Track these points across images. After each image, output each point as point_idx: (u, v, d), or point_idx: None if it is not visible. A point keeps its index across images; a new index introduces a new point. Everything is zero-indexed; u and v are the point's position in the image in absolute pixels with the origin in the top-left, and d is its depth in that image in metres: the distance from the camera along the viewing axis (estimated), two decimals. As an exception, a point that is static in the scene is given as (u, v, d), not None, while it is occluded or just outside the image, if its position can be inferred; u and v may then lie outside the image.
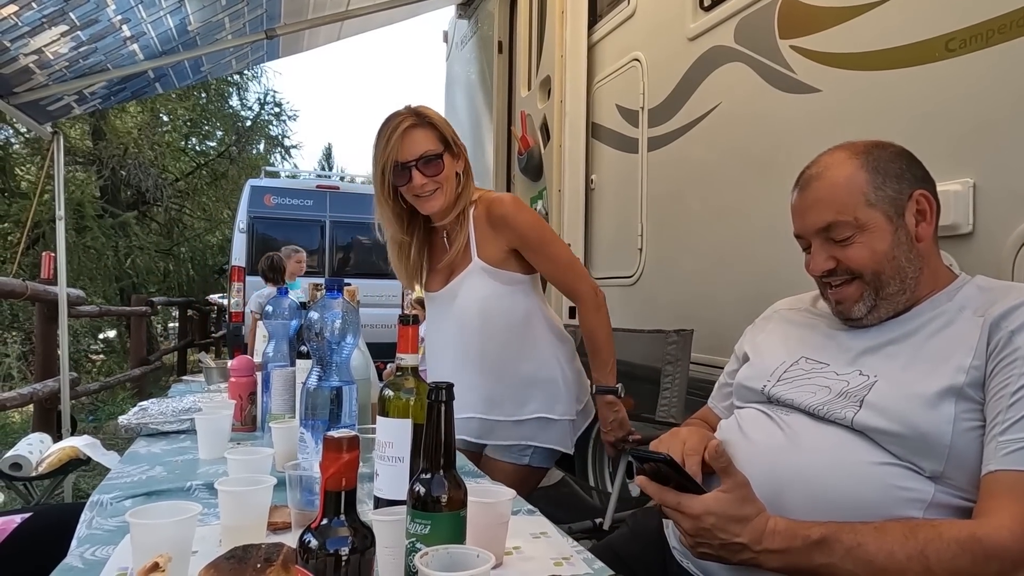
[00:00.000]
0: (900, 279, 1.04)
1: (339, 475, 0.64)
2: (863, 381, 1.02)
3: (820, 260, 1.08)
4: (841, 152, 1.09)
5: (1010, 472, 0.87)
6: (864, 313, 1.06)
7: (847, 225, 1.04)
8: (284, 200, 8.47)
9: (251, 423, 1.73)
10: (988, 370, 0.94)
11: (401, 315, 1.04)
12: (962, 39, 1.36)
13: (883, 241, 1.04)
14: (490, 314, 1.63)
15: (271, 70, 14.24)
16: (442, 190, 1.57)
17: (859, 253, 1.04)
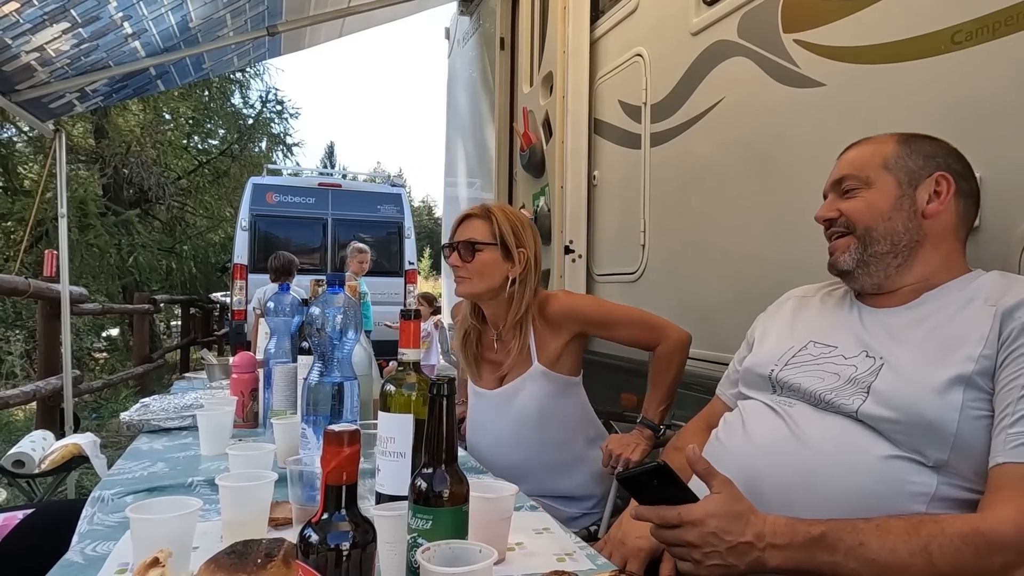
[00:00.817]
0: (891, 241, 1.08)
1: (340, 469, 0.64)
2: (870, 364, 1.02)
3: (825, 208, 1.17)
4: (886, 134, 1.17)
5: (1018, 465, 0.87)
6: (851, 266, 1.11)
7: (857, 180, 1.12)
8: (286, 198, 8.47)
9: (253, 420, 1.73)
10: (999, 360, 0.93)
11: (402, 310, 1.03)
12: (968, 31, 1.34)
13: (884, 201, 1.09)
14: (548, 415, 1.69)
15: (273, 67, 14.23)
16: (473, 280, 1.66)
17: (857, 205, 1.11)
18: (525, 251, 1.68)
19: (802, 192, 1.81)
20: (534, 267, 1.69)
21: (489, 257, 1.66)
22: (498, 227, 1.66)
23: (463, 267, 1.66)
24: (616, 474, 1.01)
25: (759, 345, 1.24)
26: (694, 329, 2.19)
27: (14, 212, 9.13)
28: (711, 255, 2.19)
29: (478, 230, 1.68)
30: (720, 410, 1.33)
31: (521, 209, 3.41)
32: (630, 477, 0.91)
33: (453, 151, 4.96)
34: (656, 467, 0.89)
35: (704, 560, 0.92)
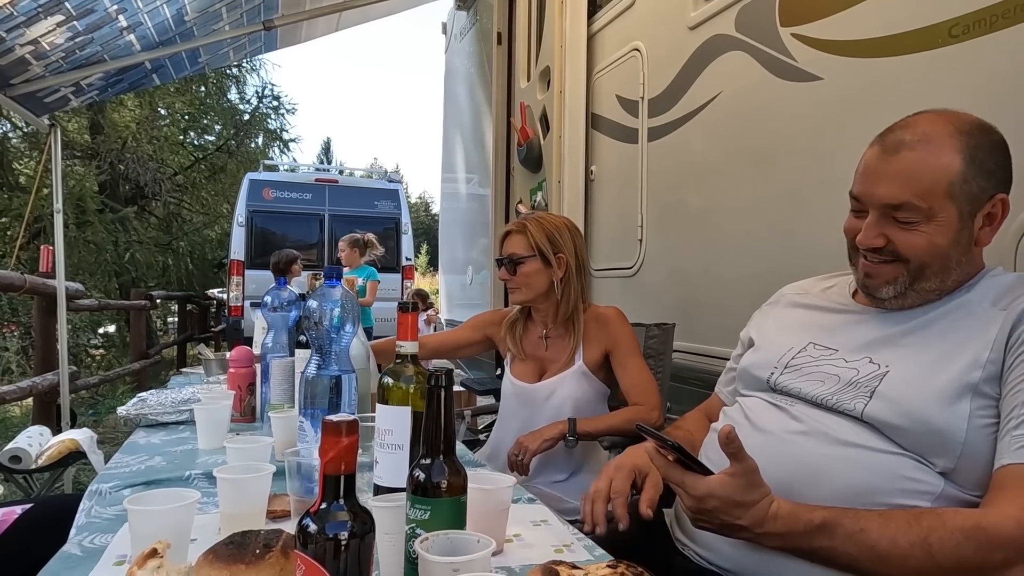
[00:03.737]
0: (942, 277, 0.99)
1: (338, 459, 0.64)
2: (873, 370, 1.00)
3: (871, 235, 0.99)
4: (943, 123, 0.98)
5: (1022, 465, 0.86)
6: (891, 296, 1.02)
7: (918, 211, 0.96)
8: (283, 194, 8.46)
9: (250, 414, 1.73)
10: (1006, 363, 0.92)
11: (400, 303, 1.03)
12: (965, 25, 1.35)
13: (945, 237, 0.97)
14: (581, 414, 1.74)
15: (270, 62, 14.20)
16: (522, 290, 1.81)
17: (916, 242, 0.97)
18: (564, 256, 1.80)
19: (800, 186, 1.82)
20: (575, 268, 1.81)
21: (531, 268, 1.79)
22: (533, 239, 1.79)
23: (511, 280, 1.82)
24: (636, 425, 1.01)
25: (756, 346, 1.22)
26: (690, 323, 2.19)
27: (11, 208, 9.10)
28: (709, 250, 2.19)
29: (518, 244, 1.81)
30: (718, 406, 1.33)
31: (518, 204, 3.41)
32: (646, 430, 0.94)
33: (451, 146, 4.96)
34: (672, 446, 0.91)
35: (695, 520, 0.95)
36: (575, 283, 1.82)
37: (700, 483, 0.91)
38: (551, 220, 1.85)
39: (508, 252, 1.82)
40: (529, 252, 1.79)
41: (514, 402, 1.88)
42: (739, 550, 0.99)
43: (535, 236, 1.79)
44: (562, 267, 1.80)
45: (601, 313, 1.84)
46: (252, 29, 3.33)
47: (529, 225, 1.82)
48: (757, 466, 0.91)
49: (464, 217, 4.62)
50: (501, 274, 1.84)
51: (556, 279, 1.80)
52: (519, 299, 1.84)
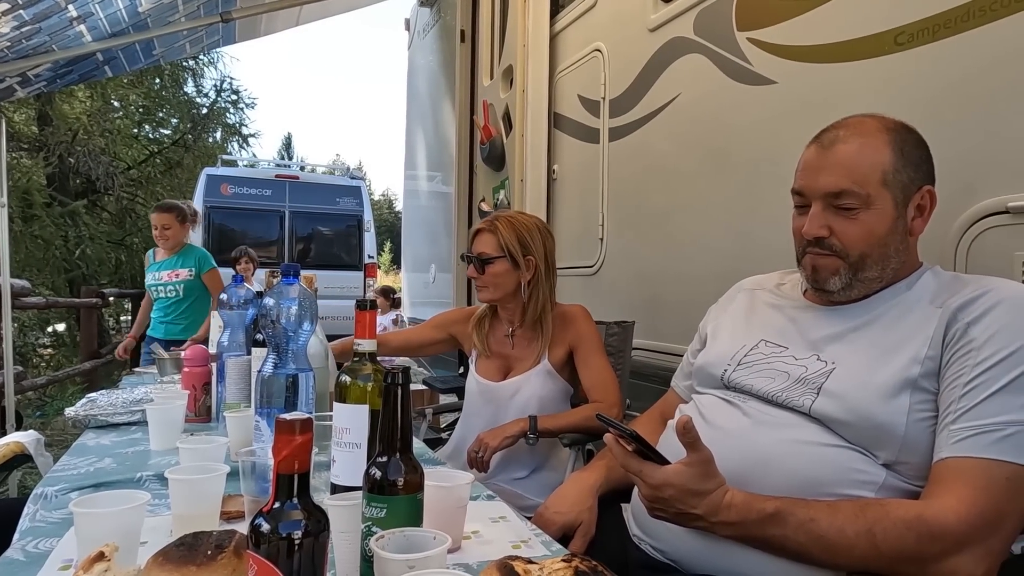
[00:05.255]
0: (882, 266, 1.05)
1: (292, 458, 0.63)
2: (821, 367, 1.04)
3: (816, 225, 1.05)
4: (872, 121, 1.06)
5: (960, 459, 0.90)
6: (838, 288, 1.06)
7: (857, 197, 1.02)
8: (242, 189, 8.30)
9: (206, 414, 1.70)
10: (943, 360, 0.96)
11: (358, 300, 1.03)
12: (910, 33, 1.40)
13: (883, 225, 1.03)
14: (546, 413, 1.75)
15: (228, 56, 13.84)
16: (489, 289, 1.81)
17: (856, 230, 1.03)
18: (533, 258, 1.80)
19: (756, 186, 1.86)
20: (544, 269, 1.81)
21: (499, 268, 1.79)
22: (503, 240, 1.78)
23: (479, 279, 1.81)
24: (597, 415, 1.04)
25: (712, 342, 1.25)
26: (651, 320, 2.23)
27: (-49, 202, 8.70)
28: (668, 248, 2.23)
29: (487, 244, 1.80)
30: (675, 402, 1.35)
31: (481, 202, 3.41)
32: (606, 420, 0.97)
33: (413, 143, 4.93)
34: (630, 434, 0.93)
35: (651, 510, 0.97)
36: (543, 285, 1.82)
37: (657, 472, 0.94)
38: (523, 221, 1.84)
39: (478, 251, 1.82)
40: (498, 252, 1.79)
41: (478, 400, 1.88)
42: (693, 543, 1.02)
43: (505, 237, 1.78)
44: (531, 269, 1.80)
45: (567, 312, 1.86)
46: (209, 21, 3.26)
47: (500, 225, 1.81)
48: (712, 456, 0.93)
49: (427, 215, 4.60)
50: (469, 271, 1.84)
51: (524, 281, 1.80)
52: (486, 298, 1.84)
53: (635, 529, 1.16)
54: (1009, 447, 0.88)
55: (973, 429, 0.90)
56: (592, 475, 1.31)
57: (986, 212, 1.24)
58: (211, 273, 3.82)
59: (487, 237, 1.81)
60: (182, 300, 3.76)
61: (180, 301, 3.77)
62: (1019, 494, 0.89)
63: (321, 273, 7.28)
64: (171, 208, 3.80)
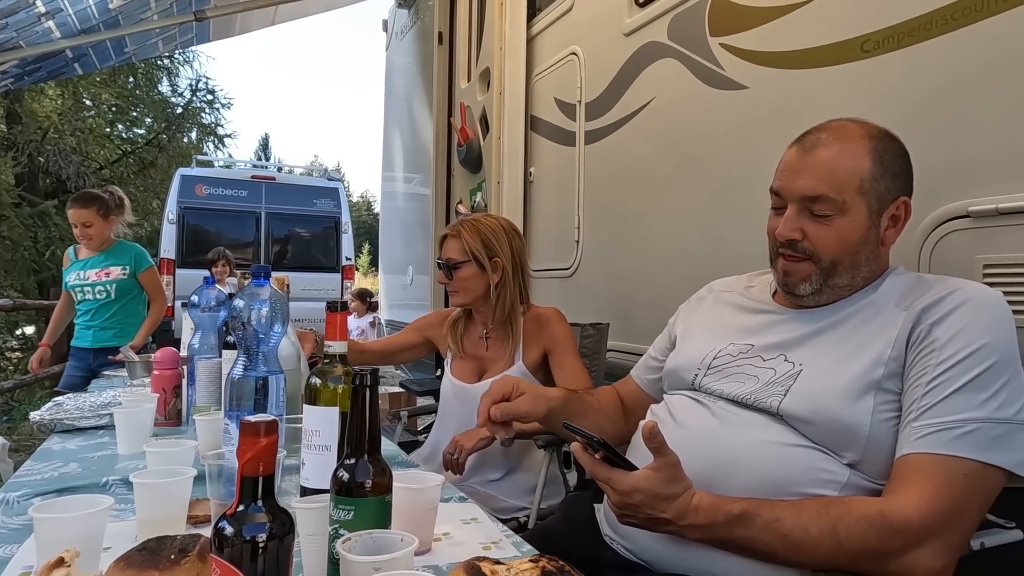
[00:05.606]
0: (852, 274, 1.06)
1: (256, 460, 0.63)
2: (789, 369, 1.05)
3: (789, 227, 1.06)
4: (856, 127, 1.07)
5: (920, 455, 0.92)
6: (808, 293, 1.07)
7: (833, 203, 1.03)
8: (217, 190, 8.20)
9: (176, 417, 1.68)
10: (907, 360, 0.98)
11: (328, 302, 1.02)
12: (876, 40, 1.43)
13: (856, 232, 1.04)
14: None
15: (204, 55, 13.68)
16: (460, 293, 1.84)
17: (829, 236, 1.04)
18: (500, 260, 1.82)
19: (729, 190, 1.88)
20: (512, 271, 1.83)
21: (467, 272, 1.81)
22: (467, 245, 1.81)
23: (449, 283, 1.84)
24: (564, 424, 1.04)
25: (682, 344, 1.26)
26: (624, 322, 2.24)
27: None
28: (643, 250, 2.25)
29: (453, 249, 1.83)
30: (632, 390, 1.39)
31: (458, 204, 3.40)
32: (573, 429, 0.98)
33: (391, 145, 4.91)
34: (597, 441, 0.94)
35: (621, 516, 0.98)
36: (511, 287, 1.83)
37: (625, 478, 0.94)
38: (487, 224, 1.85)
39: (445, 256, 1.84)
40: (464, 257, 1.81)
41: (453, 402, 1.88)
42: (663, 544, 1.02)
43: (469, 242, 1.81)
44: (498, 271, 1.82)
45: (541, 314, 1.87)
46: (182, 19, 3.22)
47: (464, 230, 1.83)
48: (679, 460, 0.94)
49: (404, 216, 4.59)
50: (440, 277, 1.86)
51: (492, 283, 1.82)
52: (458, 302, 1.87)
53: (607, 529, 1.17)
54: (968, 444, 0.90)
55: (934, 426, 0.92)
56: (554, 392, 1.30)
57: (948, 216, 1.27)
58: (148, 272, 3.34)
59: (453, 242, 1.84)
60: (113, 302, 3.24)
61: (110, 303, 3.24)
62: (977, 489, 0.91)
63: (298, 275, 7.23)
64: (90, 201, 3.13)
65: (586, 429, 0.99)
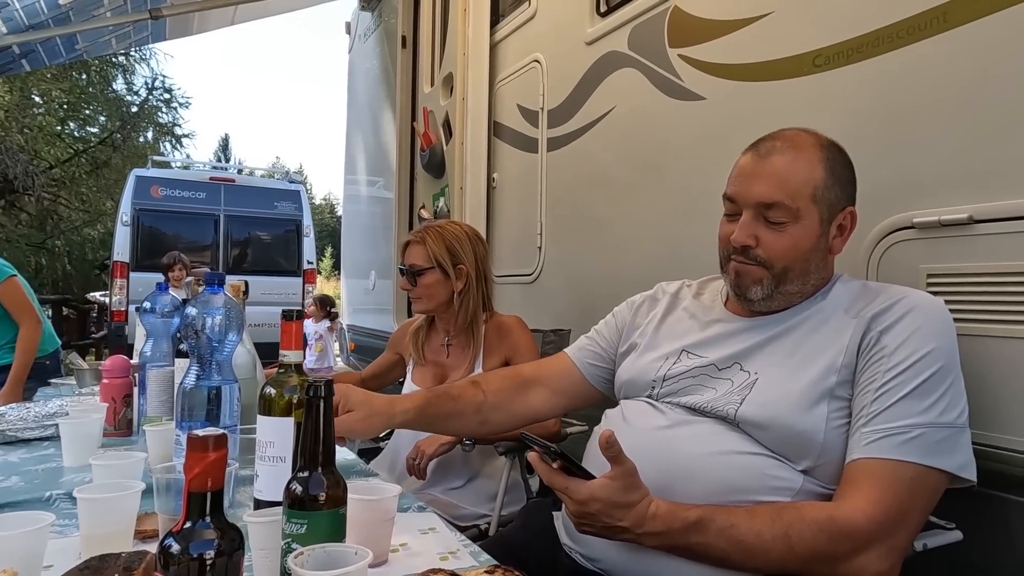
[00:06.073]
0: (802, 281, 1.08)
1: (204, 475, 0.61)
2: (745, 379, 1.07)
3: (744, 234, 1.07)
4: (808, 137, 1.09)
5: (869, 460, 0.94)
6: (759, 297, 1.09)
7: (788, 210, 1.04)
8: (174, 192, 8.01)
9: (127, 427, 1.63)
10: (858, 366, 1.00)
11: (284, 310, 1.01)
12: (827, 56, 1.47)
13: (808, 240, 1.06)
14: None
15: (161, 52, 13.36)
16: (423, 300, 1.83)
17: (783, 243, 1.05)
18: (464, 267, 1.82)
19: (688, 198, 1.91)
20: (476, 278, 1.83)
21: (431, 279, 1.81)
22: (432, 252, 1.80)
23: (413, 290, 1.82)
24: (521, 433, 1.04)
25: (637, 355, 1.25)
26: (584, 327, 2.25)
27: None
28: (604, 257, 2.27)
29: (417, 256, 1.82)
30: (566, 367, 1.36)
31: (421, 209, 3.39)
32: (530, 439, 0.98)
33: (354, 148, 4.86)
34: (555, 451, 0.94)
35: (579, 525, 0.98)
36: (474, 294, 1.83)
37: (583, 487, 0.94)
38: (452, 230, 1.85)
39: (409, 263, 1.83)
40: (428, 264, 1.81)
41: None
42: (621, 552, 1.03)
43: (434, 248, 1.81)
44: (462, 278, 1.82)
45: (503, 322, 1.87)
46: (137, 17, 3.14)
47: (428, 236, 1.82)
48: (636, 468, 0.95)
49: (367, 220, 4.54)
50: (403, 284, 1.85)
51: (456, 290, 1.82)
52: (421, 309, 1.86)
53: (565, 538, 1.17)
54: (914, 448, 0.93)
55: (882, 432, 0.94)
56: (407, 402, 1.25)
57: (895, 227, 1.31)
58: (7, 285, 2.80)
59: (417, 249, 1.83)
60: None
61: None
62: (922, 492, 0.94)
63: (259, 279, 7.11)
64: None
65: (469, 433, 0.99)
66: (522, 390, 1.35)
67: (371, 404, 1.19)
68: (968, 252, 1.19)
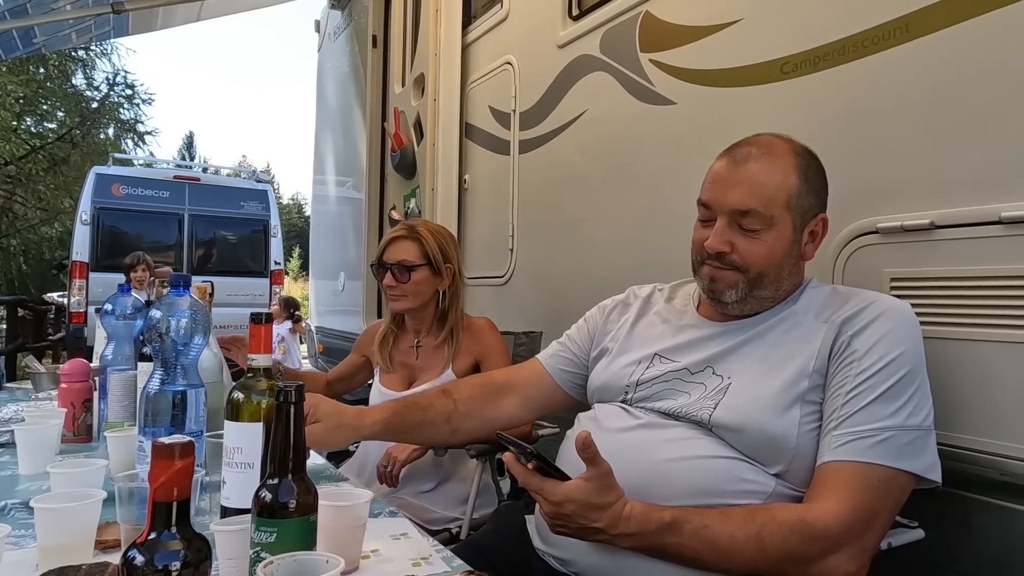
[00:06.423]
0: (775, 286, 1.10)
1: (170, 484, 0.60)
2: (718, 383, 1.08)
3: (719, 240, 1.07)
4: (782, 143, 1.10)
5: (840, 463, 0.96)
6: (733, 301, 1.10)
7: (762, 217, 1.05)
8: (136, 190, 7.82)
9: (86, 433, 1.58)
10: (829, 370, 1.02)
11: (252, 314, 0.98)
12: (795, 63, 1.50)
13: (781, 246, 1.07)
14: None
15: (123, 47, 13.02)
16: (408, 297, 1.79)
17: (757, 250, 1.06)
18: (452, 266, 1.82)
19: (658, 200, 1.93)
20: (460, 278, 1.85)
21: (421, 276, 1.79)
22: (428, 248, 1.79)
23: (398, 287, 1.78)
24: (497, 434, 1.04)
25: (609, 360, 1.25)
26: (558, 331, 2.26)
27: None
28: (576, 259, 2.27)
29: (409, 251, 1.79)
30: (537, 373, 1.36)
31: (392, 210, 3.36)
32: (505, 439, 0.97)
33: (323, 148, 4.81)
34: (530, 452, 0.94)
35: (553, 526, 0.98)
36: (460, 294, 1.85)
37: (558, 488, 0.94)
38: (439, 230, 1.87)
39: (398, 258, 1.79)
40: (421, 260, 1.79)
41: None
42: (596, 554, 1.03)
43: (430, 245, 1.80)
44: (449, 276, 1.82)
45: (473, 323, 1.86)
46: (99, 11, 3.06)
47: (423, 233, 1.81)
48: (611, 469, 0.95)
49: (336, 221, 4.49)
50: (387, 280, 1.80)
51: (443, 289, 1.81)
52: (403, 307, 1.82)
53: (538, 542, 1.17)
54: (882, 451, 0.95)
55: (852, 435, 0.96)
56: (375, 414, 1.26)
57: (860, 232, 1.34)
58: None
59: (407, 244, 1.80)
60: None
61: None
62: (890, 494, 0.96)
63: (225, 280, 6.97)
64: None
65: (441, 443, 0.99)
66: (494, 397, 1.34)
67: (340, 415, 1.18)
68: (930, 257, 1.22)
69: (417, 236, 1.80)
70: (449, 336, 1.83)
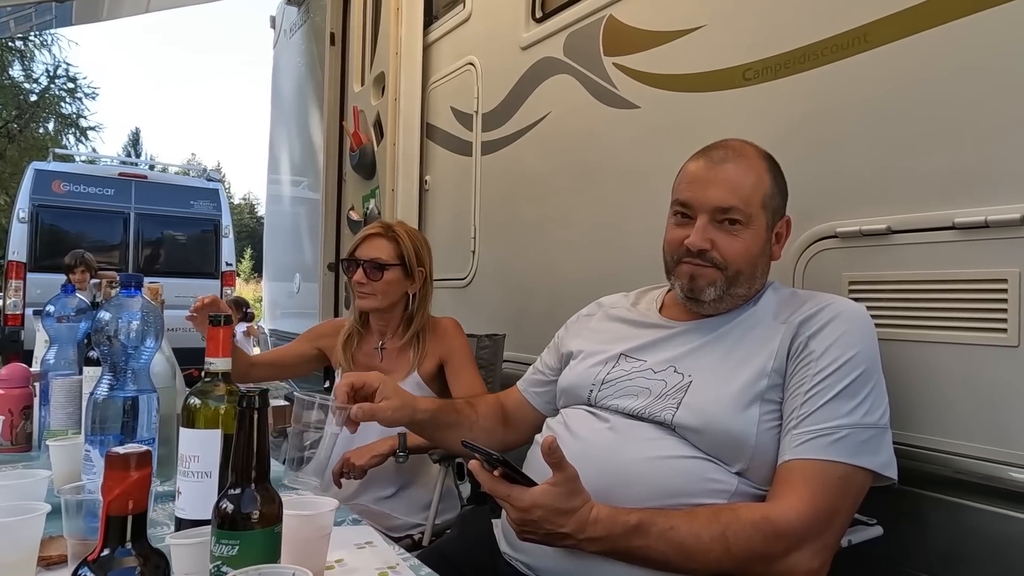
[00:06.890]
0: (749, 284, 1.13)
1: (125, 497, 0.56)
2: (679, 380, 1.09)
3: (700, 237, 1.09)
4: (751, 147, 1.15)
5: (800, 460, 0.98)
6: (711, 298, 1.12)
7: (743, 215, 1.09)
8: (78, 187, 7.50)
9: (25, 442, 1.49)
10: (787, 370, 1.04)
11: (211, 316, 0.94)
12: (756, 70, 1.52)
13: (757, 244, 1.11)
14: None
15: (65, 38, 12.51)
16: (377, 297, 1.76)
17: (737, 247, 1.10)
18: (424, 270, 1.81)
19: (621, 203, 1.94)
20: (430, 284, 1.84)
21: (393, 276, 1.77)
22: (403, 249, 1.77)
23: (368, 284, 1.75)
24: (463, 441, 1.02)
25: (575, 362, 1.27)
26: (520, 333, 2.25)
27: None
28: (538, 261, 2.27)
29: (384, 250, 1.77)
30: (518, 400, 1.39)
31: (350, 211, 3.31)
32: (471, 446, 0.96)
33: (278, 146, 4.70)
34: (497, 459, 0.93)
35: (521, 532, 0.97)
36: (428, 298, 1.83)
37: (525, 495, 0.93)
38: (416, 233, 1.86)
39: (372, 256, 1.76)
40: (395, 260, 1.77)
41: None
42: (563, 559, 1.03)
43: (405, 246, 1.78)
44: (421, 279, 1.81)
45: (438, 324, 1.84)
46: (40, -1, 2.91)
47: (399, 233, 1.79)
48: (577, 474, 0.95)
49: (292, 221, 4.39)
50: (358, 276, 1.77)
51: (412, 292, 1.80)
52: (371, 305, 1.79)
53: (505, 547, 1.16)
54: (841, 448, 0.97)
55: (811, 433, 0.98)
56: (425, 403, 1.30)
57: (820, 236, 1.37)
58: None
59: (382, 243, 1.78)
60: None
61: None
62: (850, 491, 0.98)
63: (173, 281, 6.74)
64: None
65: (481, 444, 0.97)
66: (503, 424, 1.39)
67: (401, 395, 1.21)
68: (886, 261, 1.26)
69: (393, 235, 1.79)
70: (415, 339, 1.81)
